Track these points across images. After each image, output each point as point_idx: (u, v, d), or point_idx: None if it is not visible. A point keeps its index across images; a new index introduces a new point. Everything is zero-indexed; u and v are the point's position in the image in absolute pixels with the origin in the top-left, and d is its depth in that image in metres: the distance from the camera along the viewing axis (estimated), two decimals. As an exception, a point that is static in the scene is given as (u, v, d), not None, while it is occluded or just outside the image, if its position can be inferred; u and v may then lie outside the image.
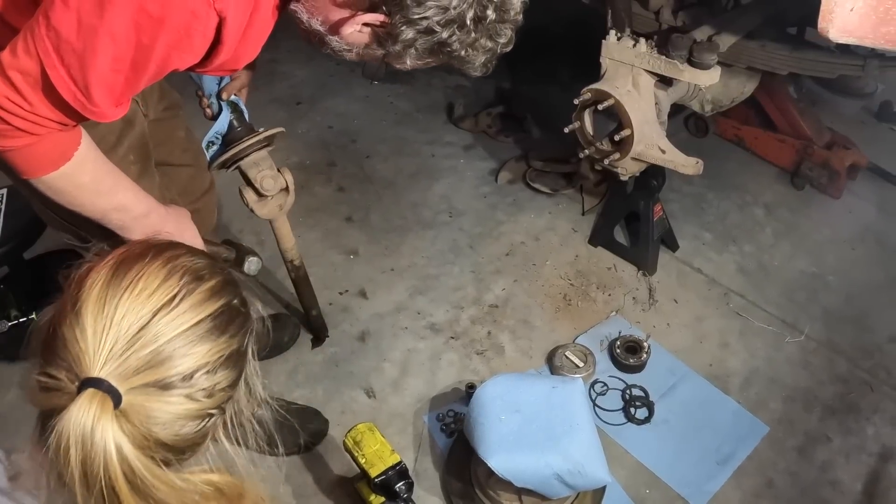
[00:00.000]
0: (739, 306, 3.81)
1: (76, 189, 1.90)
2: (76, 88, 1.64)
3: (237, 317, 1.44)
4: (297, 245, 3.24)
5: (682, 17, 3.81)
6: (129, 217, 2.05)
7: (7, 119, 1.65)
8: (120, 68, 1.65)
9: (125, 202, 2.04)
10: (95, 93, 1.66)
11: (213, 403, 1.37)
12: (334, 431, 3.22)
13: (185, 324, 1.32)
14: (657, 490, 3.08)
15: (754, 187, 4.52)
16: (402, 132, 4.95)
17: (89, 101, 1.66)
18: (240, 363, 1.45)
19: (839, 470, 3.17)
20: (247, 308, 1.50)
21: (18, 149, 1.73)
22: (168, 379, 1.29)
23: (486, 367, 3.52)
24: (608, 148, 3.67)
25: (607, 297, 3.86)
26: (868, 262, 4.09)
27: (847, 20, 2.46)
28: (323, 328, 3.62)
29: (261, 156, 2.86)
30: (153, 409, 1.28)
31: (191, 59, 1.77)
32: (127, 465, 1.24)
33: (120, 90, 1.72)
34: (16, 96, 1.63)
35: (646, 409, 3.34)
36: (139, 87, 1.76)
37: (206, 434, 1.40)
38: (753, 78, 3.91)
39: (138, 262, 1.35)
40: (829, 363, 3.56)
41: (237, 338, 1.43)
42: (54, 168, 1.80)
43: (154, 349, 1.28)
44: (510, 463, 2.65)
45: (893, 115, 5.04)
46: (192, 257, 1.43)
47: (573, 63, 4.93)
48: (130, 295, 1.30)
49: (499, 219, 4.29)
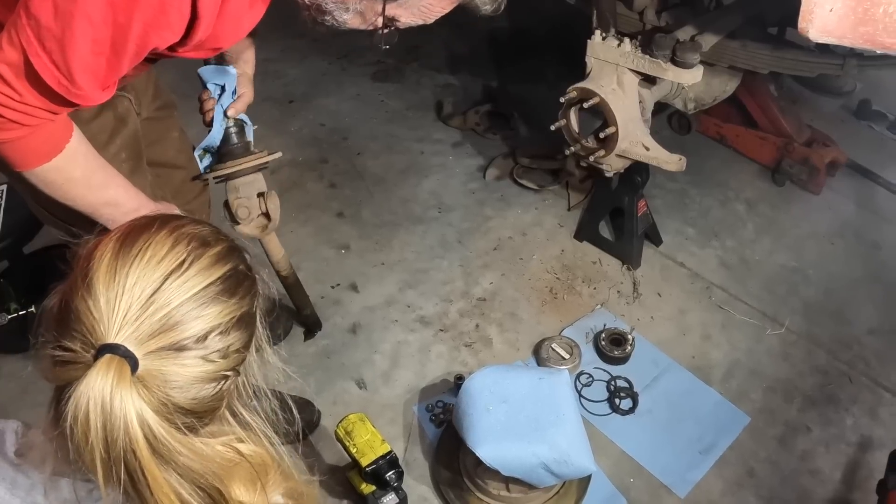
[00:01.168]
0: (721, 299, 3.82)
1: (67, 182, 1.91)
2: (59, 73, 1.64)
3: (244, 280, 1.44)
4: (286, 257, 3.25)
5: (666, 17, 3.81)
6: (119, 212, 2.02)
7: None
8: (101, 50, 1.66)
9: (116, 197, 2.04)
10: (78, 76, 1.66)
11: (228, 365, 1.37)
12: (326, 422, 3.21)
13: (195, 287, 1.32)
14: (641, 479, 3.08)
15: (736, 183, 4.53)
16: (392, 130, 4.94)
17: (73, 84, 1.67)
18: (250, 325, 1.45)
19: (819, 459, 3.18)
20: (252, 273, 1.50)
21: (11, 141, 1.74)
22: (183, 341, 1.29)
23: (475, 358, 3.52)
24: (593, 145, 3.67)
25: (592, 290, 3.86)
26: (847, 256, 4.09)
27: (826, 20, 2.46)
28: (316, 324, 3.62)
29: (245, 181, 2.85)
30: (170, 373, 1.28)
31: (170, 37, 1.74)
32: (148, 429, 1.23)
33: (104, 73, 1.72)
34: (5, 87, 1.64)
35: (630, 399, 3.35)
36: (122, 68, 1.75)
37: (223, 398, 1.39)
38: (735, 77, 3.91)
39: (145, 232, 1.35)
40: (808, 355, 3.57)
41: (246, 300, 1.42)
42: (46, 160, 1.81)
43: (167, 313, 1.28)
44: (498, 452, 2.65)
45: (872, 112, 5.05)
46: (197, 226, 1.43)
47: (559, 62, 4.94)
48: (140, 262, 1.30)
49: (487, 214, 4.29)
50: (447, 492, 2.98)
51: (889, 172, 4.48)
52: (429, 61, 5.53)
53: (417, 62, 5.53)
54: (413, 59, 5.55)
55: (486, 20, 2.06)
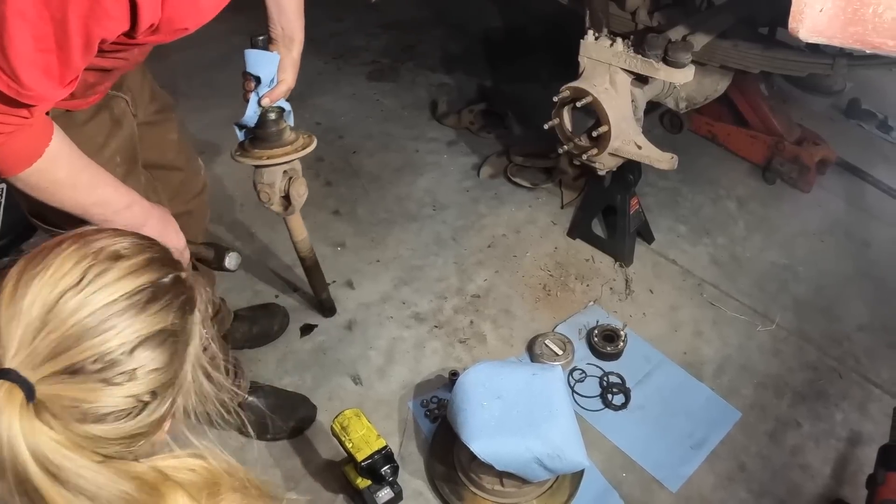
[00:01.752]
0: (713, 296, 3.82)
1: (52, 185, 1.85)
2: (5, 76, 1.55)
3: (164, 295, 1.30)
4: (307, 239, 3.29)
5: (658, 17, 3.82)
6: (110, 211, 2.00)
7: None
8: (46, 47, 1.57)
9: (105, 197, 2.00)
10: (24, 76, 1.57)
11: (141, 388, 1.25)
12: (322, 417, 3.22)
13: (94, 304, 1.21)
14: (633, 473, 3.08)
15: (727, 182, 4.53)
16: (387, 128, 4.94)
17: (21, 86, 1.58)
18: (173, 344, 1.30)
19: (809, 454, 3.18)
20: (185, 287, 1.37)
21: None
22: (79, 364, 1.18)
23: (469, 355, 3.52)
24: (586, 144, 3.67)
25: (585, 287, 3.86)
26: (837, 253, 4.10)
27: (817, 20, 2.46)
28: (331, 309, 3.68)
29: (273, 171, 2.88)
30: (72, 399, 1.18)
31: (115, 27, 1.64)
32: (45, 458, 1.15)
33: (58, 70, 1.62)
34: None
35: (622, 395, 3.35)
36: (75, 62, 1.64)
37: (151, 423, 1.28)
38: (726, 76, 3.92)
39: (53, 250, 1.26)
40: (799, 351, 3.58)
41: (164, 315, 1.28)
42: (27, 165, 1.75)
43: (62, 333, 1.18)
44: (492, 447, 2.65)
45: (861, 111, 5.06)
46: (114, 238, 1.32)
47: (552, 62, 4.96)
48: (39, 281, 1.21)
49: (481, 212, 4.29)
50: (442, 486, 2.98)
51: (878, 171, 4.49)
52: (424, 61, 5.53)
53: (412, 62, 5.53)
54: (408, 58, 5.56)
55: (479, 20, 2.06)
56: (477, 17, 5.99)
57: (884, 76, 5.19)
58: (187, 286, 1.38)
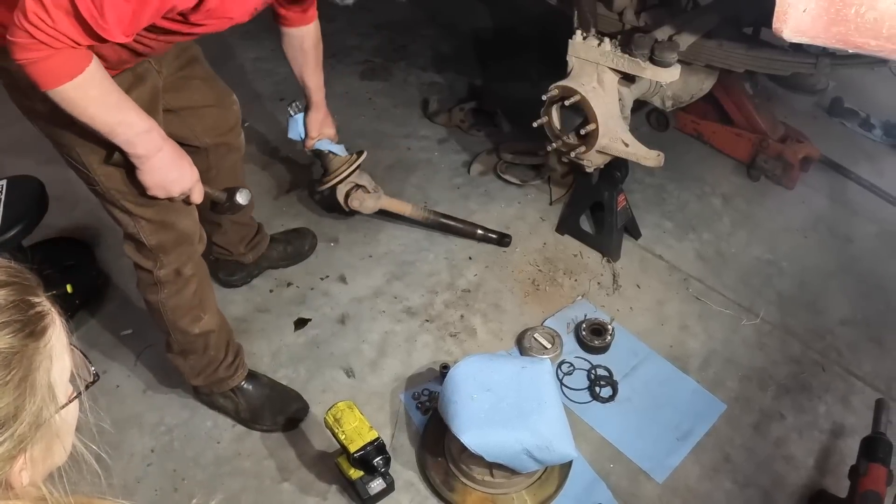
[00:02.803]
0: (698, 291, 3.83)
1: (86, 100, 2.05)
2: (92, 5, 1.83)
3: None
4: (415, 206, 4.03)
5: (645, 17, 3.81)
6: (133, 132, 2.20)
7: (32, 32, 1.83)
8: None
9: (130, 118, 2.19)
10: (108, 12, 1.85)
11: None
12: (315, 409, 3.22)
13: None
14: (620, 464, 3.09)
15: (712, 178, 4.53)
16: (379, 126, 4.93)
17: (102, 17, 1.85)
18: (4, 369, 1.12)
19: (793, 446, 3.19)
20: (32, 311, 1.20)
21: (37, 61, 1.90)
22: None
23: (459, 348, 3.53)
24: (574, 141, 3.67)
25: (574, 282, 3.87)
26: (820, 249, 4.10)
27: (800, 21, 2.47)
28: (500, 239, 4.05)
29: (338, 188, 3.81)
30: None
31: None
32: None
33: (128, 20, 1.92)
34: (42, 12, 1.81)
35: (610, 388, 3.35)
36: (143, 19, 1.96)
37: None
38: (711, 75, 3.92)
39: None
40: (782, 345, 3.58)
41: None
42: (69, 79, 1.96)
43: None
44: (482, 439, 2.66)
45: (844, 110, 5.06)
46: None
47: (541, 61, 4.95)
48: None
49: (471, 208, 4.28)
50: (433, 477, 2.98)
51: (860, 168, 4.49)
52: (415, 60, 5.52)
53: (404, 61, 5.52)
54: (400, 58, 5.54)
55: (470, 20, 2.18)
56: (467, 17, 5.99)
57: (866, 75, 5.19)
58: (35, 311, 1.21)
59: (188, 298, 2.82)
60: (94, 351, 3.47)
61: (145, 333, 3.46)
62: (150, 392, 3.32)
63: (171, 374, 3.23)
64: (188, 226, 2.67)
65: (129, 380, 3.36)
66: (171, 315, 2.82)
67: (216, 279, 3.70)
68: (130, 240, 2.65)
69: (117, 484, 2.38)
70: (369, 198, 3.87)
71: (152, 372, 3.38)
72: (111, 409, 3.25)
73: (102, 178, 2.41)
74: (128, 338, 3.53)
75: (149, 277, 2.72)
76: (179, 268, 2.72)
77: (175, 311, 2.82)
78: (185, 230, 2.66)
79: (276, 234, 3.91)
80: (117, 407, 3.26)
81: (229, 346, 3.07)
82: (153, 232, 2.58)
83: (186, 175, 2.43)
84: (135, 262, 2.71)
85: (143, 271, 2.72)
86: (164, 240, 2.61)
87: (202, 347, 2.96)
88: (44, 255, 3.70)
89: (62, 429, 1.25)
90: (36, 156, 3.78)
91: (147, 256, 2.66)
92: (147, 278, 2.73)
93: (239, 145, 3.20)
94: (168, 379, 3.32)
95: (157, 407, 3.27)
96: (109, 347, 3.47)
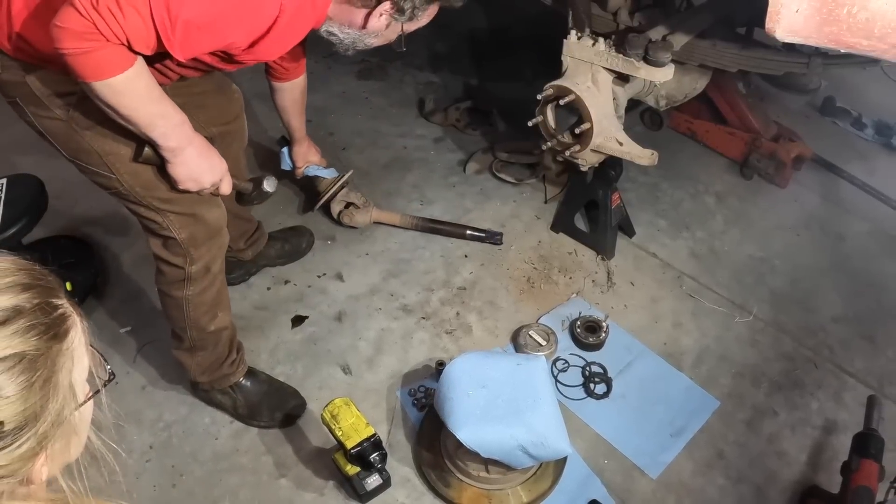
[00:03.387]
0: (692, 288, 3.83)
1: (133, 92, 2.09)
2: (167, 16, 1.90)
3: (22, 318, 1.16)
4: (403, 216, 4.12)
5: (639, 17, 3.82)
6: (170, 124, 2.25)
7: (96, 22, 1.85)
8: (201, 24, 1.97)
9: (168, 110, 2.23)
10: (179, 28, 1.93)
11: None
12: (313, 406, 3.22)
13: None
14: (615, 460, 3.09)
15: (706, 177, 4.54)
16: (376, 126, 4.93)
17: (172, 30, 1.92)
18: (29, 372, 1.13)
19: (785, 442, 3.19)
20: (55, 313, 1.22)
21: (88, 52, 1.91)
22: None
23: (455, 345, 3.53)
24: (569, 140, 3.67)
25: (568, 279, 3.87)
26: (812, 247, 4.11)
27: (793, 21, 2.47)
28: (490, 238, 4.09)
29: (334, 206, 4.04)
30: None
31: (248, 37, 2.16)
32: None
33: (194, 41, 2.01)
34: (114, 6, 1.85)
35: (604, 384, 3.36)
36: (204, 47, 2.09)
37: (10, 458, 1.12)
38: (705, 75, 3.92)
39: None
40: (775, 342, 3.59)
41: (16, 339, 1.13)
42: (120, 71, 1.99)
43: None
44: (477, 435, 2.66)
45: (836, 109, 5.07)
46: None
47: (536, 61, 4.95)
48: None
49: (467, 207, 4.29)
50: (429, 473, 2.98)
51: (852, 166, 4.49)
52: (411, 60, 5.52)
53: (400, 61, 5.51)
54: (396, 58, 5.53)
55: (465, 20, 2.23)
56: (463, 17, 5.96)
57: (857, 75, 5.20)
58: (58, 313, 1.23)
59: (212, 296, 2.83)
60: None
61: (144, 331, 3.46)
62: (148, 389, 3.32)
63: (170, 371, 3.23)
64: (217, 217, 2.67)
65: (128, 376, 3.36)
66: (194, 312, 2.82)
67: (213, 276, 3.72)
68: (157, 237, 2.63)
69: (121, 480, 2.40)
70: (359, 213, 4.04)
71: (151, 369, 3.38)
72: (110, 406, 3.24)
73: (127, 177, 2.40)
74: (127, 335, 3.52)
75: (178, 273, 2.71)
76: (209, 264, 2.72)
77: (198, 307, 2.82)
78: (214, 222, 2.66)
79: (274, 233, 3.91)
80: (116, 403, 3.25)
81: (233, 343, 3.08)
82: (183, 225, 2.57)
83: (216, 166, 2.45)
84: (163, 258, 2.68)
85: (173, 267, 2.70)
86: (195, 232, 2.61)
87: (213, 344, 2.97)
88: (43, 254, 3.70)
89: (80, 425, 1.29)
90: (36, 154, 3.77)
91: (177, 252, 2.64)
92: (176, 274, 2.71)
93: (243, 134, 3.22)
94: (167, 376, 3.32)
95: (156, 403, 3.27)
96: (108, 344, 3.46)
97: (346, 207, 4.02)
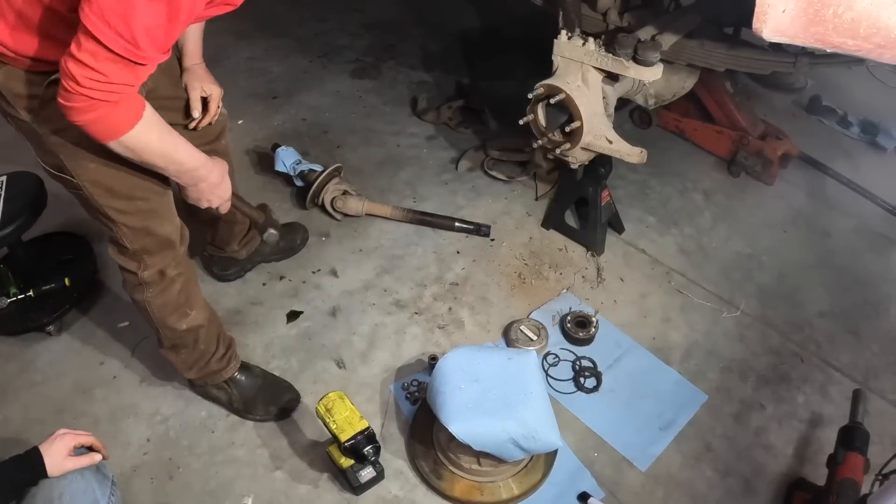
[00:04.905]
0: (680, 284, 3.83)
1: (147, 145, 2.10)
2: (125, 41, 1.81)
3: None
4: (393, 208, 4.11)
5: (628, 17, 3.82)
6: (183, 170, 2.30)
7: (89, 94, 1.85)
8: (158, 23, 1.85)
9: (182, 158, 2.27)
10: (141, 41, 1.83)
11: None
12: (307, 399, 3.21)
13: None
14: (604, 453, 3.09)
15: (694, 175, 4.54)
16: (370, 124, 4.93)
17: (137, 48, 1.83)
18: None
19: (772, 435, 3.19)
20: None
21: (98, 119, 1.92)
22: None
23: (448, 340, 3.52)
24: (559, 138, 3.67)
25: (559, 275, 3.86)
26: (798, 243, 4.12)
27: (779, 21, 2.47)
28: (477, 230, 4.09)
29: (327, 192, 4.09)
30: None
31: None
32: None
33: (162, 39, 1.90)
34: (90, 72, 1.82)
35: (594, 378, 3.35)
36: (175, 34, 1.95)
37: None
38: (693, 74, 3.92)
39: None
40: (762, 336, 3.59)
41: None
42: (130, 127, 2.00)
43: None
44: (469, 428, 2.65)
45: (822, 108, 5.08)
46: None
47: (527, 60, 4.95)
48: None
49: (459, 204, 4.28)
50: (422, 465, 2.97)
51: (838, 164, 4.50)
52: (404, 59, 5.52)
53: (394, 60, 5.51)
54: (390, 57, 5.54)
55: (457, 20, 2.21)
56: (455, 17, 5.99)
57: (843, 74, 5.22)
58: None
59: (174, 297, 2.79)
60: (91, 343, 3.46)
61: (141, 326, 3.44)
62: (146, 383, 3.31)
63: (167, 366, 3.22)
64: (169, 231, 2.64)
65: (126, 371, 3.35)
66: (158, 313, 2.80)
67: (210, 273, 3.73)
68: (113, 244, 2.63)
69: (115, 473, 2.39)
70: (352, 199, 4.09)
71: (148, 363, 3.37)
72: (108, 400, 3.24)
73: (88, 184, 2.38)
74: (124, 330, 3.52)
75: (133, 279, 2.69)
76: (163, 269, 2.69)
77: (162, 309, 2.79)
78: (165, 235, 2.62)
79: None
80: (114, 397, 3.25)
81: (220, 338, 3.06)
82: (135, 237, 2.55)
83: (223, 195, 2.55)
84: (119, 263, 2.67)
85: (128, 273, 2.68)
86: (147, 244, 2.59)
87: (192, 342, 2.95)
88: (42, 250, 3.72)
89: None
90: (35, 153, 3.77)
91: (131, 258, 2.63)
92: (132, 279, 2.70)
93: (226, 152, 3.13)
94: (163, 370, 3.30)
95: (153, 397, 3.26)
96: (106, 339, 3.46)
97: (340, 194, 4.06)
